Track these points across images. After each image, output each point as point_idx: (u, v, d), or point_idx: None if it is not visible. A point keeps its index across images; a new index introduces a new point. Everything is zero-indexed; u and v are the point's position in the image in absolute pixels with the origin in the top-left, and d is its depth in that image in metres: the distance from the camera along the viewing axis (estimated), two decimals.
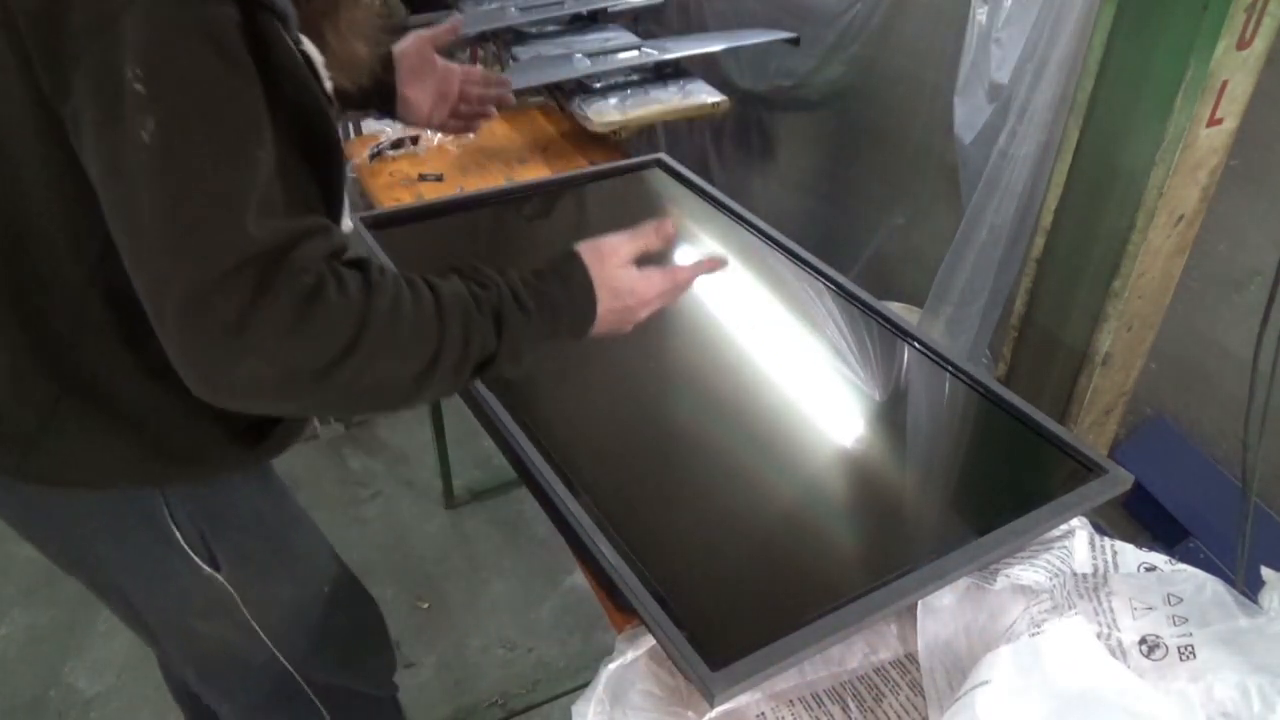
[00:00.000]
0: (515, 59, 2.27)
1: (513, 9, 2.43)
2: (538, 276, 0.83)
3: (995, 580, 0.85)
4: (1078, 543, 0.90)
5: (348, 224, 0.85)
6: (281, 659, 1.05)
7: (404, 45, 1.19)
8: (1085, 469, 0.97)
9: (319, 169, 0.80)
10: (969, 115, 1.80)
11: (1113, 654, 0.77)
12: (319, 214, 0.79)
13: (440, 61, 1.24)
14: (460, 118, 1.29)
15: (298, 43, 0.76)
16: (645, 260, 0.90)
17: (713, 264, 0.96)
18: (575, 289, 0.85)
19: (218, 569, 0.95)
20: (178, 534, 0.91)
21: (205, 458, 0.89)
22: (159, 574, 0.94)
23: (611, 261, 0.87)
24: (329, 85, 0.83)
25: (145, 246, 0.64)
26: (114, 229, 0.65)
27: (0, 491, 0.90)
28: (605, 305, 0.86)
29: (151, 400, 0.82)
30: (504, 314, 0.78)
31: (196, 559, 0.93)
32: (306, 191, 0.80)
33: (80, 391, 0.81)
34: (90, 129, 0.64)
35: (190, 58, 0.63)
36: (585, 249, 0.88)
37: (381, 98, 1.21)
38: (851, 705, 0.83)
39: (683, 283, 0.93)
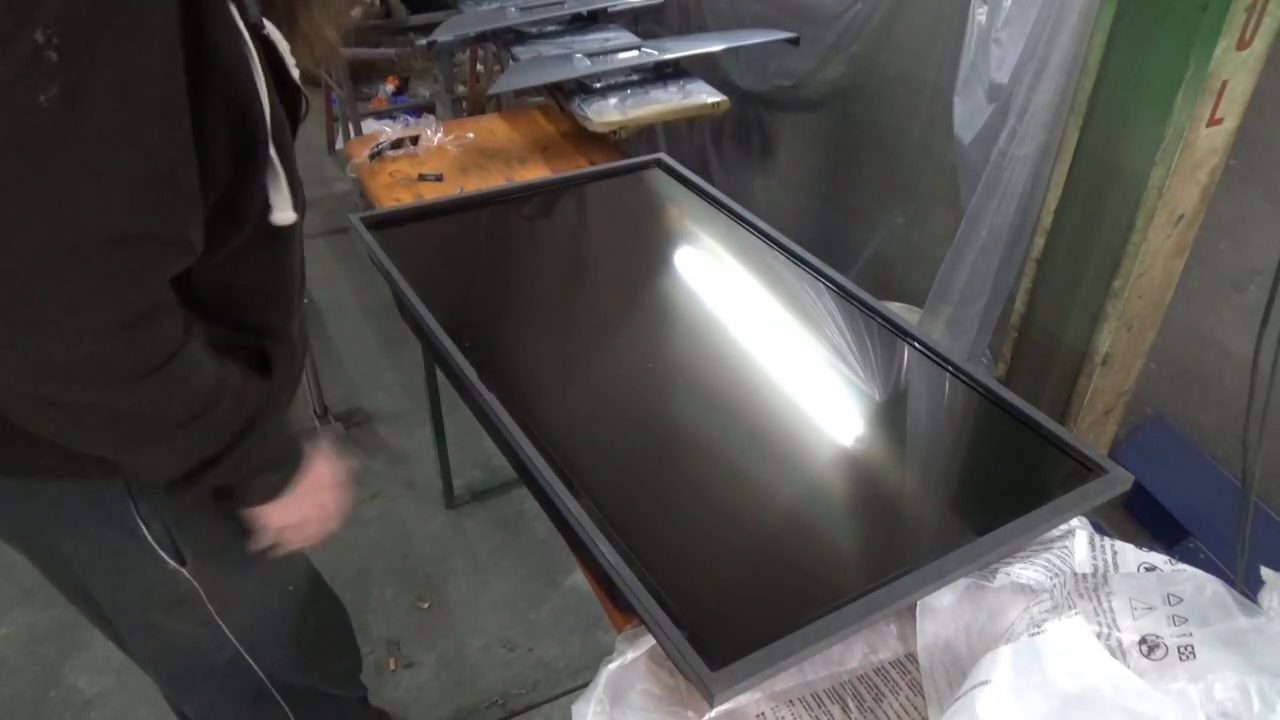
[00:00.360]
0: (515, 59, 2.27)
1: (513, 9, 2.43)
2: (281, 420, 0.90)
3: (995, 579, 0.85)
4: (1078, 543, 0.90)
5: (289, 215, 0.84)
6: (246, 657, 1.05)
7: None
8: (1085, 469, 0.97)
9: (241, 154, 0.78)
10: (969, 115, 1.80)
11: (1113, 654, 0.77)
12: (201, 209, 0.78)
13: None
14: None
15: (259, 26, 0.75)
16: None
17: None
18: (299, 447, 0.91)
19: (183, 564, 0.95)
20: (143, 528, 0.91)
21: None
22: (122, 568, 0.94)
23: (331, 467, 0.95)
24: (295, 71, 0.82)
25: (2, 193, 0.62)
26: None
27: None
28: (314, 472, 0.92)
29: None
30: (261, 414, 0.82)
31: (162, 553, 0.93)
32: (215, 174, 0.77)
33: None
34: None
35: (116, 35, 0.62)
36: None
37: None
38: (851, 705, 0.83)
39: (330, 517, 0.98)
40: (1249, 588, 0.93)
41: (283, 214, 0.84)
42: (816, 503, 0.98)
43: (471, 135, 2.14)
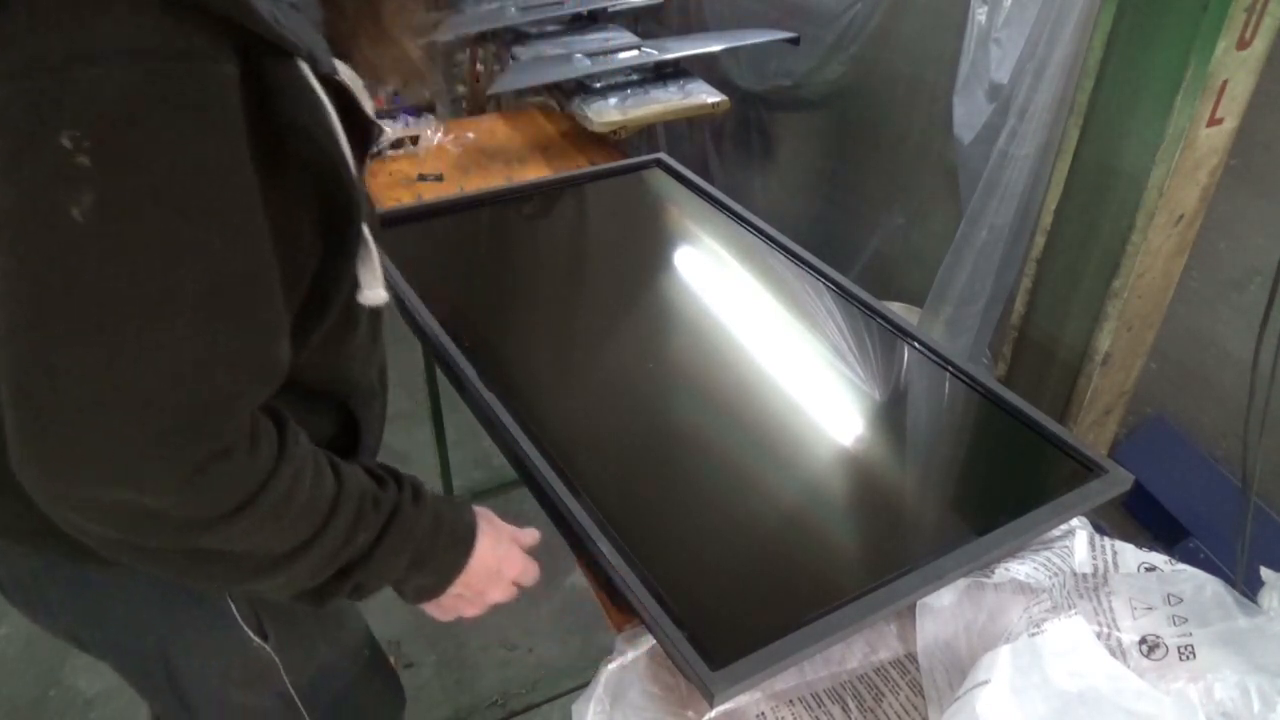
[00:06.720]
0: (515, 59, 2.27)
1: (513, 9, 2.43)
2: (433, 496, 0.81)
3: (994, 576, 0.85)
4: (1078, 543, 0.90)
5: (381, 294, 0.75)
6: None
7: None
8: (1085, 469, 0.97)
9: (331, 230, 0.69)
10: (968, 115, 1.80)
11: (1113, 654, 0.77)
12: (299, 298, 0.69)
13: None
14: None
15: (333, 72, 0.65)
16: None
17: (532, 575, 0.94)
18: (464, 517, 0.83)
19: (266, 639, 0.91)
20: (233, 607, 0.86)
21: None
22: (205, 647, 0.89)
23: (500, 525, 0.87)
24: (369, 108, 0.72)
25: (37, 326, 0.53)
26: None
27: (44, 571, 0.85)
28: (483, 551, 0.83)
29: None
30: (400, 512, 0.75)
31: (248, 630, 0.89)
32: (303, 260, 0.69)
33: None
34: None
35: (160, 129, 0.53)
36: (480, 508, 0.87)
37: None
38: (851, 705, 0.83)
39: (527, 580, 0.90)
40: (1249, 588, 0.93)
41: (374, 292, 0.73)
42: (816, 503, 0.98)
43: (471, 135, 2.13)
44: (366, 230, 0.70)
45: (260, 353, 0.60)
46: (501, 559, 0.86)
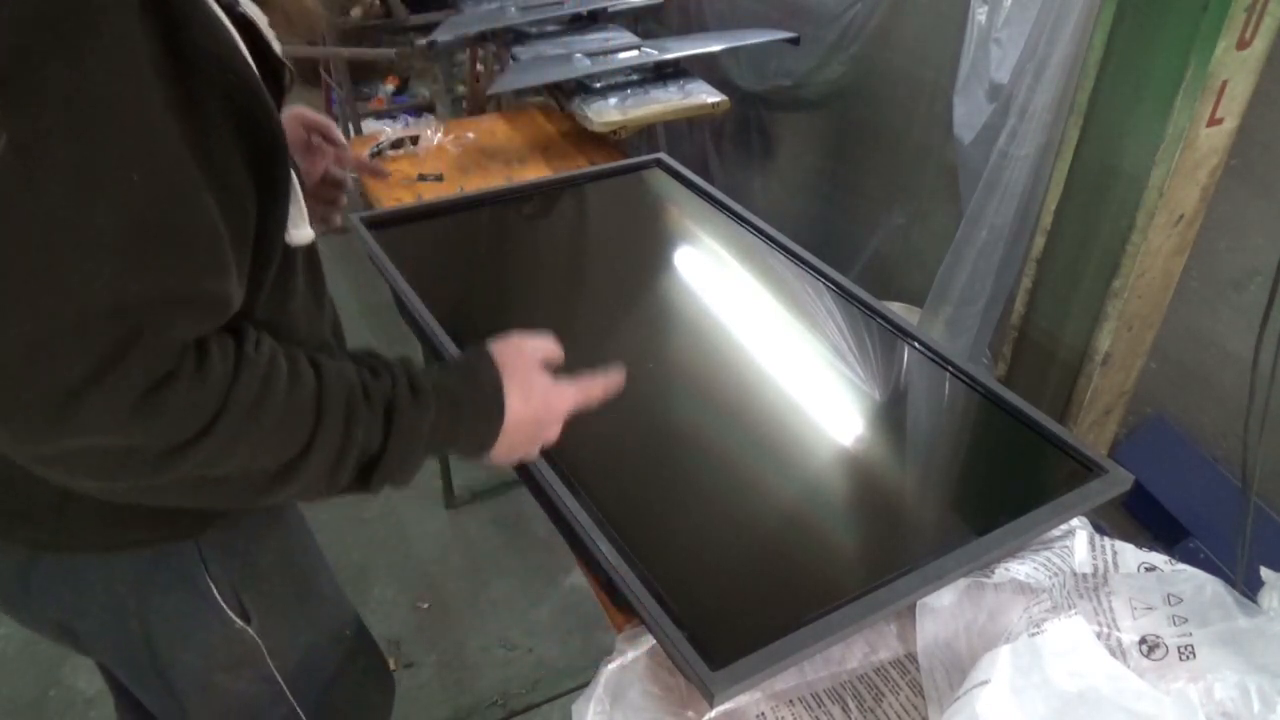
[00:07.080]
0: (515, 59, 2.27)
1: (513, 9, 2.43)
2: (441, 369, 0.77)
3: (994, 576, 0.85)
4: (1078, 542, 0.90)
5: (306, 233, 0.73)
6: (299, 711, 1.01)
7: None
8: (1085, 469, 0.97)
9: (259, 163, 0.66)
10: (968, 115, 1.80)
11: (1113, 654, 0.77)
12: (245, 222, 0.66)
13: (314, 141, 1.09)
14: (317, 200, 1.11)
15: (235, 4, 0.65)
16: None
17: (615, 383, 0.90)
18: (483, 387, 0.77)
19: (248, 621, 0.91)
20: (213, 588, 0.87)
21: None
22: (187, 629, 0.90)
23: (527, 361, 0.81)
24: (277, 47, 0.71)
25: None
26: None
27: (28, 563, 0.84)
28: (515, 411, 0.78)
29: None
30: (396, 408, 0.70)
31: (229, 612, 0.89)
32: (240, 195, 0.67)
33: None
34: None
35: (66, 66, 0.52)
36: (500, 345, 0.81)
37: None
38: (851, 705, 0.83)
39: (593, 399, 0.86)
40: (1249, 588, 0.93)
41: (300, 231, 0.72)
42: (816, 503, 0.98)
43: (471, 135, 2.14)
44: (292, 169, 0.69)
45: (194, 286, 0.59)
46: (538, 410, 0.80)
